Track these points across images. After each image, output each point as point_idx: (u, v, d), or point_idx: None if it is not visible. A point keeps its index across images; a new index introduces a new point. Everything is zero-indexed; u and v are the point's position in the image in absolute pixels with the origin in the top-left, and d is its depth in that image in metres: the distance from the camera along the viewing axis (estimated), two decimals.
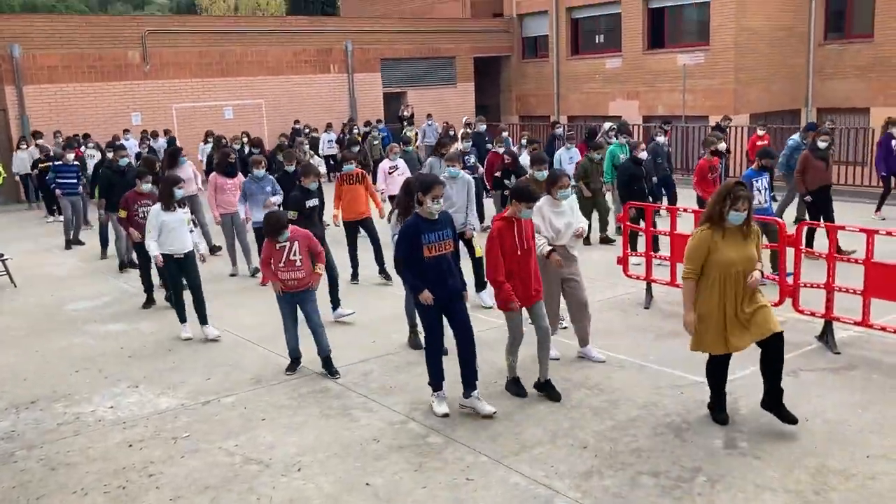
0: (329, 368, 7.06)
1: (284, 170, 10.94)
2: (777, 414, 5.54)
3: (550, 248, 6.69)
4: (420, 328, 7.58)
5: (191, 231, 8.33)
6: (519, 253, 6.07)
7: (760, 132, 14.65)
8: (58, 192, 14.02)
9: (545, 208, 6.82)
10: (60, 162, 14.20)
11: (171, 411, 6.45)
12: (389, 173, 12.14)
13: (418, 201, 5.90)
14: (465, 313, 6.03)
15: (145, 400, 6.72)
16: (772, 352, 5.48)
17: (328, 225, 10.66)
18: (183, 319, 8.33)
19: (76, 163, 14.25)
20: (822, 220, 10.41)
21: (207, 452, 5.67)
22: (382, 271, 10.23)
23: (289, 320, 7.10)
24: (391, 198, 12.25)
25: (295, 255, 6.89)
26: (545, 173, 8.01)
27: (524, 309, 6.24)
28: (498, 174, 12.12)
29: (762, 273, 5.57)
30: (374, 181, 12.73)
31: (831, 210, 10.78)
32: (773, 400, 5.56)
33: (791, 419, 5.49)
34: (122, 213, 9.50)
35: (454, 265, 6.03)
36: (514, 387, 6.42)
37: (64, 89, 20.57)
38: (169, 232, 8.12)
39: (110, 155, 12.64)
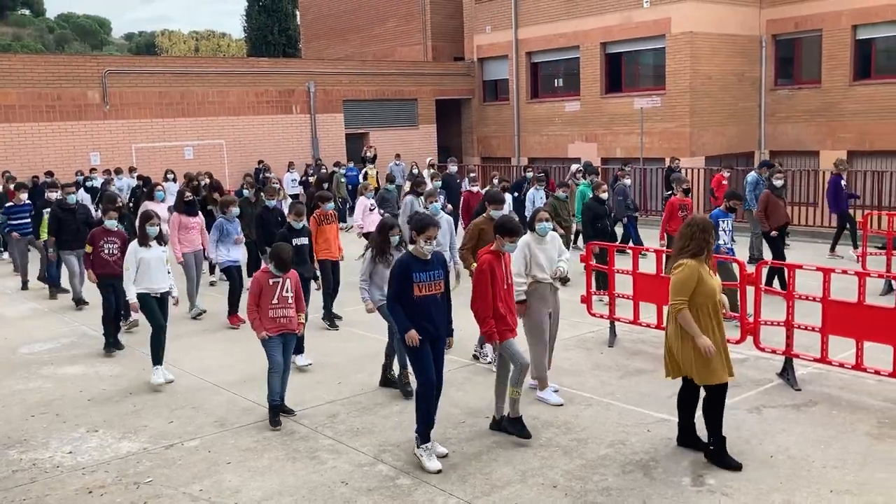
0: (283, 410, 6.94)
1: (265, 205, 10.92)
2: (695, 447, 5.90)
3: (523, 299, 6.83)
4: (392, 371, 7.56)
5: (168, 272, 8.23)
6: (505, 287, 6.19)
7: (725, 174, 15.00)
8: (14, 234, 13.72)
9: (532, 245, 6.96)
10: (11, 203, 13.93)
11: (132, 456, 6.28)
12: (371, 210, 12.22)
13: (411, 240, 5.94)
14: (441, 363, 6.00)
15: (105, 444, 6.54)
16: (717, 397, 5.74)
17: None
18: (157, 361, 8.05)
19: (28, 202, 13.89)
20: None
21: (171, 498, 5.53)
22: (327, 316, 10.07)
23: (278, 364, 6.74)
24: (366, 235, 12.25)
25: (288, 291, 6.78)
26: (500, 213, 8.04)
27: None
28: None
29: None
30: (343, 220, 12.74)
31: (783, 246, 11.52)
32: (693, 437, 5.93)
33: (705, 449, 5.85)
34: (88, 248, 9.39)
35: (444, 307, 6.02)
36: (517, 426, 6.24)
37: (21, 128, 20.27)
38: (147, 269, 8.00)
39: (53, 195, 12.57)
